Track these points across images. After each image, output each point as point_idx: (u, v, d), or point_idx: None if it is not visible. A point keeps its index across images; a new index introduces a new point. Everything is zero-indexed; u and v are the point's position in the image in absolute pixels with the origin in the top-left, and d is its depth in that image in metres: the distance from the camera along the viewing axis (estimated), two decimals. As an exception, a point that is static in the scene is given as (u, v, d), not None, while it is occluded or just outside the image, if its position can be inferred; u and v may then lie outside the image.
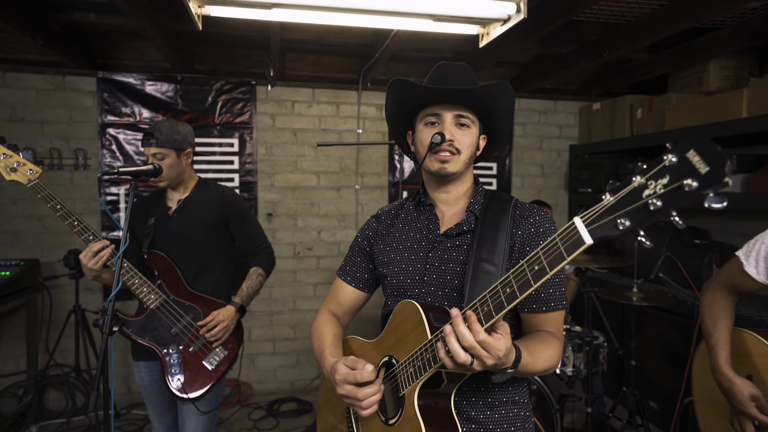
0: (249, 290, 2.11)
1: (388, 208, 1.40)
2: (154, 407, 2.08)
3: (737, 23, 2.92)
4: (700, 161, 0.69)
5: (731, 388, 1.41)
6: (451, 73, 1.22)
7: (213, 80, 3.70)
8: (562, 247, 0.81)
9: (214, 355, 2.01)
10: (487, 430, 1.15)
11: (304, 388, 3.96)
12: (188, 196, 2.10)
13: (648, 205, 0.73)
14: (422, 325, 1.05)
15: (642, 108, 3.69)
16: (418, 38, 3.08)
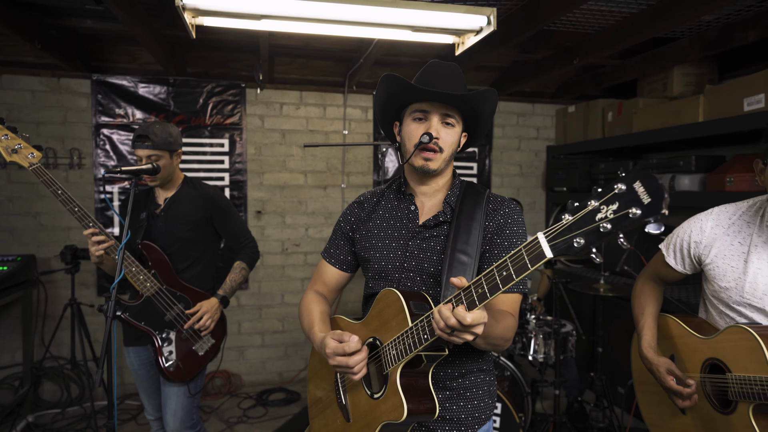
0: (232, 283, 2.25)
1: (369, 194, 1.49)
2: (144, 390, 2.24)
3: (695, 33, 3.14)
4: (644, 192, 0.80)
5: (651, 368, 1.57)
6: (443, 73, 1.28)
7: (204, 83, 3.85)
8: (526, 258, 0.93)
9: (204, 342, 2.18)
10: (459, 395, 1.31)
11: (291, 379, 4.12)
12: (174, 194, 2.22)
13: (599, 227, 0.84)
14: (403, 312, 1.18)
15: (612, 111, 3.91)
16: (401, 44, 3.26)
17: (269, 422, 3.43)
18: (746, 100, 2.75)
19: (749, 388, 1.34)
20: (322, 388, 1.46)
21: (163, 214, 2.19)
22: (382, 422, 1.20)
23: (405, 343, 1.16)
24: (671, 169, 3.28)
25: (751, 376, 1.33)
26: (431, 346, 1.13)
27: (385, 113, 1.39)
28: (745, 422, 1.35)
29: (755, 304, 1.40)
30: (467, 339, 1.03)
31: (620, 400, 3.54)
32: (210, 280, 2.28)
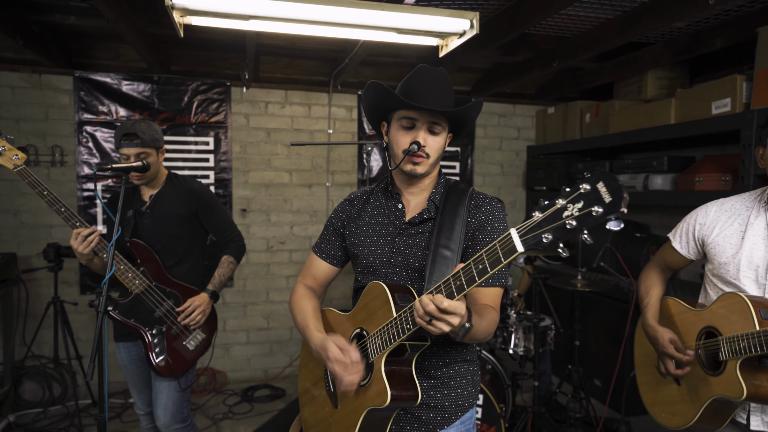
0: (221, 277, 2.27)
1: (359, 193, 1.55)
2: (134, 385, 2.26)
3: (668, 39, 3.27)
4: (606, 192, 0.88)
5: (655, 335, 1.71)
6: (431, 82, 1.31)
7: (189, 81, 3.85)
8: (500, 252, 1.00)
9: (194, 337, 2.20)
10: (443, 384, 1.38)
11: (277, 376, 4.15)
12: (159, 191, 2.23)
13: (565, 224, 0.91)
14: (389, 304, 1.23)
15: (590, 113, 4.03)
16: (385, 46, 3.31)
17: (255, 418, 3.47)
18: (714, 103, 2.89)
19: (737, 344, 1.47)
20: (312, 377, 1.52)
21: (150, 211, 2.20)
22: (367, 408, 1.26)
23: (390, 332, 1.21)
24: (645, 169, 3.41)
25: (740, 334, 1.46)
26: (414, 336, 1.19)
27: (373, 115, 1.46)
28: (731, 377, 1.48)
29: (749, 275, 1.53)
30: (443, 329, 1.06)
31: (596, 392, 3.67)
32: (199, 275, 2.30)
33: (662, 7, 2.60)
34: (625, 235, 3.78)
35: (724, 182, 2.86)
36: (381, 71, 4.25)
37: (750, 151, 2.62)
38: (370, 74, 4.26)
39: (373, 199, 1.50)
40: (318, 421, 1.47)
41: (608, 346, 3.60)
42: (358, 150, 4.28)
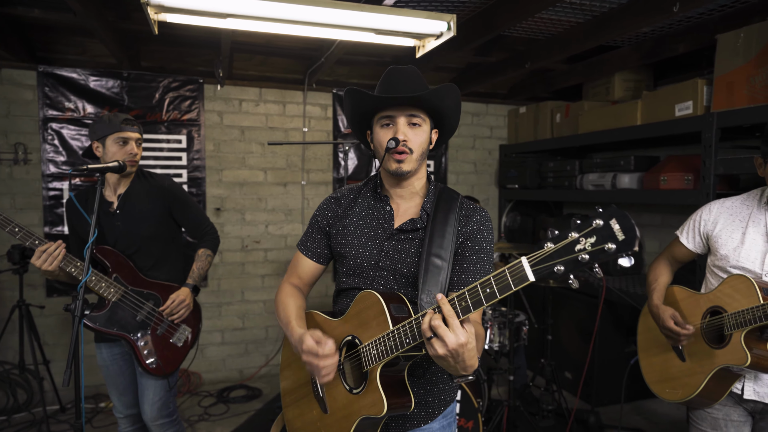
0: (200, 271, 2.25)
1: (346, 191, 1.51)
2: (116, 387, 2.19)
3: (634, 43, 3.40)
4: (619, 230, 0.90)
5: (658, 313, 1.85)
6: (402, 77, 1.33)
7: (160, 77, 3.77)
8: (510, 279, 1.01)
9: (181, 333, 2.19)
10: (426, 380, 1.39)
11: (252, 376, 4.12)
12: (127, 190, 2.13)
13: (578, 258, 0.93)
14: (384, 315, 1.24)
15: (560, 113, 4.14)
16: (362, 45, 3.32)
17: (231, 419, 3.43)
18: (677, 106, 3.01)
19: (742, 317, 1.61)
20: (297, 378, 1.51)
21: (119, 212, 2.11)
22: (361, 416, 1.27)
23: (386, 344, 1.21)
24: (613, 168, 3.54)
25: (745, 309, 1.61)
26: (411, 349, 1.20)
27: (356, 124, 1.44)
28: (737, 347, 1.62)
29: (747, 266, 1.68)
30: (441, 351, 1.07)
31: (567, 384, 3.79)
32: (179, 273, 2.26)
33: (630, 12, 2.70)
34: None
35: (686, 181, 2.99)
36: (356, 70, 4.26)
37: (710, 152, 2.75)
38: (344, 73, 4.26)
39: (362, 199, 1.48)
40: (304, 423, 1.47)
41: (578, 340, 3.72)
42: (334, 149, 4.27)
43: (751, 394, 1.64)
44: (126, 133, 2.07)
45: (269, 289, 4.16)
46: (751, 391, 1.65)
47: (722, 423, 1.71)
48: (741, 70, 2.67)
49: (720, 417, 1.72)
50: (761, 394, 1.63)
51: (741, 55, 2.68)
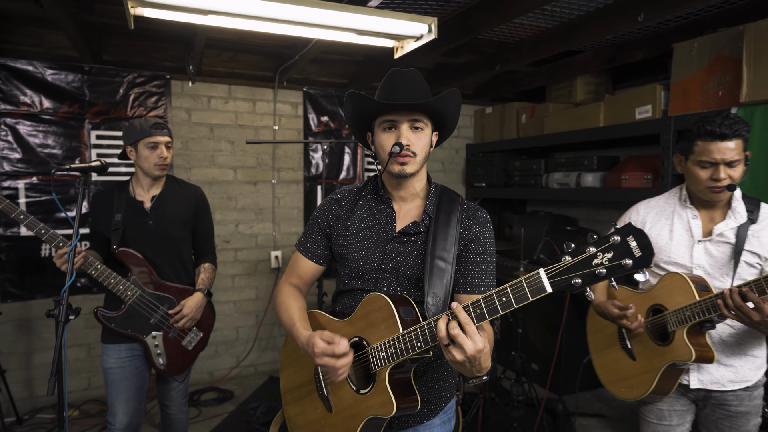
0: (209, 281, 2.31)
1: (347, 193, 1.51)
2: (121, 392, 2.12)
3: (596, 49, 3.57)
4: (636, 247, 0.96)
5: (603, 307, 1.87)
6: (405, 81, 1.33)
7: (125, 72, 3.63)
8: (527, 289, 1.05)
9: (192, 337, 2.25)
10: (428, 378, 1.43)
11: (223, 378, 4.05)
12: (162, 191, 2.21)
13: (596, 272, 0.98)
14: (394, 318, 1.26)
15: (526, 114, 4.29)
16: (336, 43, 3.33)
17: (204, 422, 3.37)
18: (637, 109, 3.20)
19: (682, 314, 1.69)
20: (299, 377, 1.52)
21: (153, 212, 2.17)
22: (368, 416, 1.29)
23: (397, 347, 1.24)
24: (577, 167, 3.71)
25: (684, 306, 1.68)
26: (421, 352, 1.22)
27: (357, 127, 1.45)
28: (681, 343, 1.69)
29: (678, 261, 1.77)
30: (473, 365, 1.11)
31: (534, 375, 3.94)
32: (191, 275, 2.31)
33: (598, 19, 2.84)
34: (557, 229, 4.08)
35: (646, 180, 3.19)
36: (326, 69, 4.25)
37: (668, 153, 2.94)
38: (315, 71, 4.24)
39: (362, 201, 1.48)
40: (307, 421, 1.48)
41: (545, 332, 3.88)
42: (305, 147, 4.25)
43: (696, 384, 1.75)
44: (155, 137, 2.13)
45: (239, 289, 4.09)
46: (696, 381, 1.75)
47: (666, 413, 1.82)
48: (695, 78, 2.87)
49: (665, 408, 1.83)
50: (705, 382, 1.74)
51: (695, 64, 2.87)
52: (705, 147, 1.63)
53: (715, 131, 1.60)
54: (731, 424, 1.73)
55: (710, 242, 1.74)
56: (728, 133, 1.59)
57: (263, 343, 4.22)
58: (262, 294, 4.18)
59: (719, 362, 1.72)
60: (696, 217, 1.77)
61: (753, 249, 1.67)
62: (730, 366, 1.72)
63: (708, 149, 1.62)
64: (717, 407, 1.76)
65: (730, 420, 1.73)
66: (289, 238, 4.25)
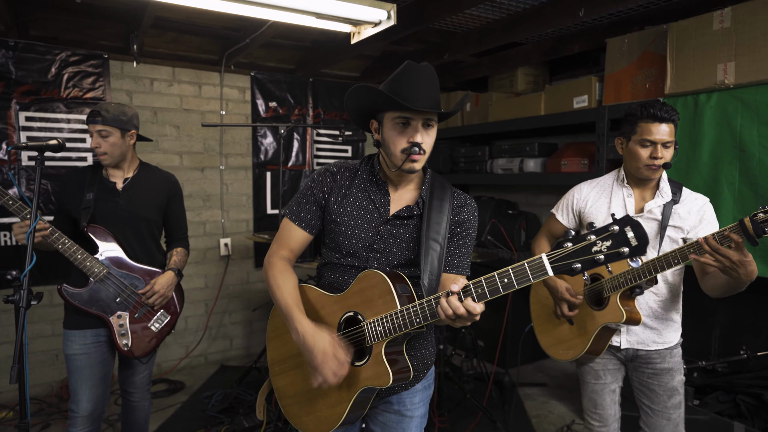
0: (179, 263, 2.29)
1: (342, 168, 1.52)
2: (85, 379, 2.07)
3: (536, 41, 3.79)
4: (632, 237, 1.05)
5: (555, 286, 2.04)
6: (421, 79, 1.35)
7: (56, 50, 3.39)
8: (529, 272, 1.14)
9: (159, 318, 2.21)
10: (411, 347, 1.50)
11: (172, 369, 3.94)
12: (135, 175, 2.21)
13: (594, 258, 1.08)
14: (391, 294, 1.32)
15: (471, 102, 4.46)
16: (286, 27, 3.30)
17: (156, 414, 3.27)
18: (575, 99, 3.44)
19: (616, 281, 1.88)
20: (287, 349, 1.54)
21: (125, 192, 2.17)
22: (364, 386, 1.36)
23: (395, 322, 1.31)
24: (520, 153, 3.93)
25: (618, 274, 1.87)
26: (419, 327, 1.30)
27: (361, 114, 1.48)
28: (614, 307, 1.89)
29: None
30: (466, 324, 1.26)
31: (483, 352, 4.16)
32: (160, 260, 2.28)
33: (542, 13, 3.03)
34: (500, 212, 4.31)
35: (583, 165, 3.45)
36: (274, 53, 4.19)
37: (603, 140, 3.20)
38: (262, 55, 4.17)
39: (358, 181, 1.51)
40: (296, 391, 1.52)
41: (490, 311, 4.08)
42: (252, 132, 4.18)
43: (625, 344, 1.96)
44: (89, 126, 2.11)
45: (188, 278, 3.98)
46: (625, 342, 1.96)
47: (601, 373, 2.03)
48: (626, 71, 3.14)
49: (599, 369, 2.03)
50: (632, 342, 1.95)
51: (625, 58, 3.14)
52: (647, 128, 1.83)
53: (656, 114, 1.81)
54: (659, 381, 1.95)
55: (641, 218, 1.94)
56: (666, 116, 1.81)
57: (213, 333, 4.13)
58: (212, 282, 4.09)
59: (645, 325, 1.94)
60: (630, 195, 1.98)
61: (675, 224, 1.91)
62: (655, 329, 1.95)
63: (649, 129, 1.83)
64: (643, 364, 1.97)
65: (657, 377, 1.95)
66: (238, 225, 4.18)
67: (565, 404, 3.46)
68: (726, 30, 2.55)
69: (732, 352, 2.90)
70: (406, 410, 1.53)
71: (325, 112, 4.53)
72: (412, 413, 1.53)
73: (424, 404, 1.58)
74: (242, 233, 4.20)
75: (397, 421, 1.53)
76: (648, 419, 1.98)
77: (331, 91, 4.55)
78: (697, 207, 1.91)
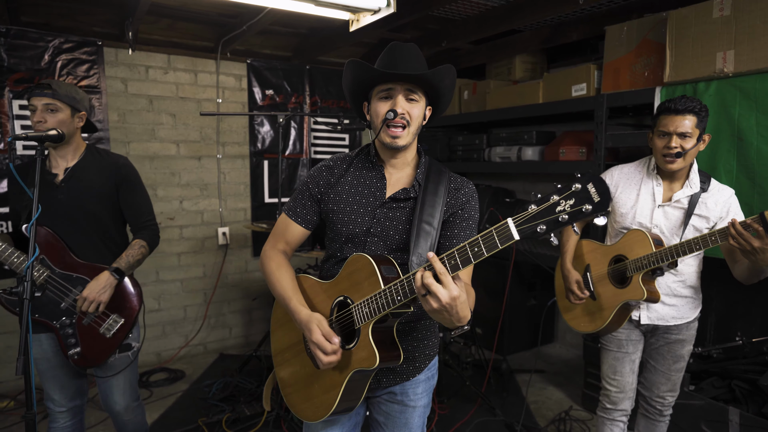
0: (129, 258, 2.03)
1: (339, 160, 1.55)
2: (57, 379, 2.00)
3: (535, 29, 3.77)
4: (595, 192, 1.01)
5: (569, 276, 2.22)
6: (403, 55, 1.39)
7: (49, 36, 3.34)
8: (497, 238, 1.09)
9: (111, 323, 1.99)
10: (412, 337, 1.51)
11: (172, 358, 3.95)
12: (77, 162, 2.01)
13: (558, 218, 1.03)
14: (375, 276, 1.31)
15: (468, 90, 4.45)
16: (283, 14, 3.26)
17: (157, 403, 3.29)
18: (574, 87, 3.44)
19: (640, 263, 2.00)
20: (288, 338, 1.56)
21: (65, 184, 1.96)
22: (354, 369, 1.36)
23: (378, 302, 1.29)
24: (517, 141, 3.93)
25: (642, 256, 1.99)
26: (401, 306, 1.27)
27: (354, 96, 1.49)
28: (636, 286, 2.02)
29: (640, 220, 2.08)
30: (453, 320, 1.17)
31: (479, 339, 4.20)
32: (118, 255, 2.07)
33: (541, 0, 3.01)
34: (497, 201, 4.32)
35: (581, 153, 3.46)
36: (270, 40, 4.14)
37: (602, 128, 3.20)
38: (258, 43, 4.13)
39: (354, 168, 1.52)
40: (297, 379, 1.53)
41: (487, 298, 4.13)
42: (249, 120, 4.15)
43: (645, 320, 2.11)
44: (32, 100, 1.90)
45: (186, 267, 3.98)
46: (645, 317, 2.11)
47: (624, 342, 2.17)
48: (625, 59, 3.13)
49: (623, 338, 2.17)
50: (651, 318, 2.10)
51: (624, 46, 3.13)
52: (664, 120, 1.94)
53: (670, 107, 1.91)
54: (669, 348, 2.11)
55: (669, 206, 2.05)
56: (681, 108, 1.89)
57: (212, 321, 4.15)
58: (210, 271, 4.09)
59: (663, 303, 2.06)
60: (660, 185, 2.08)
61: (701, 213, 2.00)
62: (673, 305, 2.07)
63: (665, 121, 1.93)
64: (661, 335, 2.13)
65: (669, 346, 2.11)
66: (236, 214, 4.17)
67: (563, 390, 3.51)
68: (726, 18, 2.55)
69: (727, 339, 2.94)
70: (409, 400, 1.54)
71: (323, 100, 4.50)
72: (415, 403, 1.55)
73: (428, 394, 1.59)
74: (240, 222, 4.19)
75: (400, 411, 1.55)
76: (649, 375, 2.17)
77: (329, 79, 4.51)
78: (723, 199, 2.01)
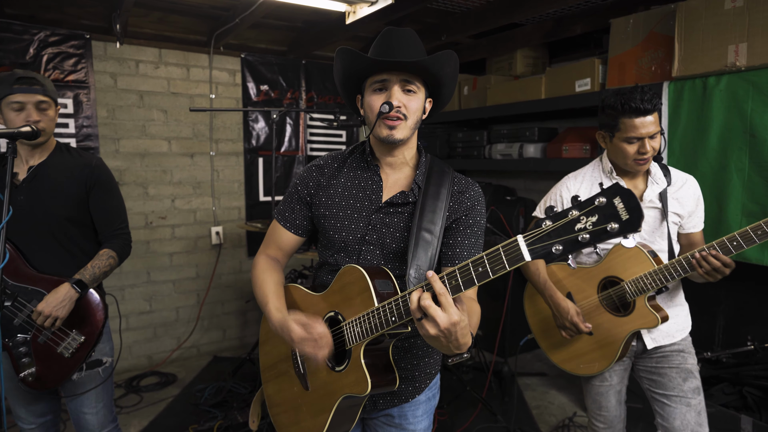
0: (95, 269, 1.84)
1: (330, 159, 1.42)
2: (23, 397, 1.88)
3: (536, 22, 3.65)
4: (623, 209, 0.84)
5: (562, 308, 1.83)
6: (399, 40, 1.23)
7: (34, 29, 3.22)
8: (505, 259, 0.94)
9: (70, 342, 1.79)
10: (411, 355, 1.37)
11: (163, 361, 3.85)
12: (43, 161, 1.83)
13: (578, 237, 0.87)
14: (369, 291, 1.17)
15: (468, 86, 4.34)
16: (277, 7, 3.15)
17: (147, 408, 3.20)
18: (577, 82, 3.33)
19: (642, 283, 1.71)
20: (277, 353, 1.46)
21: (26, 185, 1.79)
22: (344, 394, 1.22)
23: (371, 322, 1.16)
24: (519, 138, 3.82)
25: (642, 274, 1.71)
26: (397, 327, 1.13)
27: (346, 88, 1.35)
28: (644, 312, 1.72)
29: None
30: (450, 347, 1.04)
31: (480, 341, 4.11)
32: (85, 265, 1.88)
33: (544, -8, 2.90)
34: (498, 198, 4.22)
35: (585, 151, 3.35)
36: (265, 34, 4.03)
37: (606, 125, 3.10)
38: (252, 36, 4.01)
39: (347, 168, 1.39)
40: (284, 399, 1.43)
41: (489, 301, 4.03)
42: (244, 117, 4.04)
43: (651, 344, 1.81)
44: (18, 96, 1.72)
45: (178, 268, 3.87)
46: (651, 341, 1.81)
47: (607, 374, 1.89)
48: (631, 53, 3.02)
49: (605, 370, 1.87)
50: (657, 339, 1.81)
51: (630, 39, 3.02)
52: (631, 124, 1.67)
53: (639, 107, 1.64)
54: (669, 362, 1.81)
55: (644, 208, 1.78)
56: (650, 108, 1.64)
57: (206, 323, 4.05)
58: (203, 272, 3.98)
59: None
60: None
61: (675, 210, 1.80)
62: (676, 316, 1.83)
63: (634, 126, 1.67)
64: (654, 352, 1.84)
65: (667, 359, 1.81)
66: (230, 212, 4.06)
67: (566, 394, 3.41)
68: (738, 9, 2.44)
69: (736, 343, 2.85)
70: (408, 423, 1.41)
71: (319, 95, 4.38)
72: (414, 427, 1.42)
73: (428, 416, 1.46)
74: (234, 221, 4.08)
75: None
76: (665, 410, 1.79)
77: (325, 74, 4.40)
78: (691, 192, 1.82)
